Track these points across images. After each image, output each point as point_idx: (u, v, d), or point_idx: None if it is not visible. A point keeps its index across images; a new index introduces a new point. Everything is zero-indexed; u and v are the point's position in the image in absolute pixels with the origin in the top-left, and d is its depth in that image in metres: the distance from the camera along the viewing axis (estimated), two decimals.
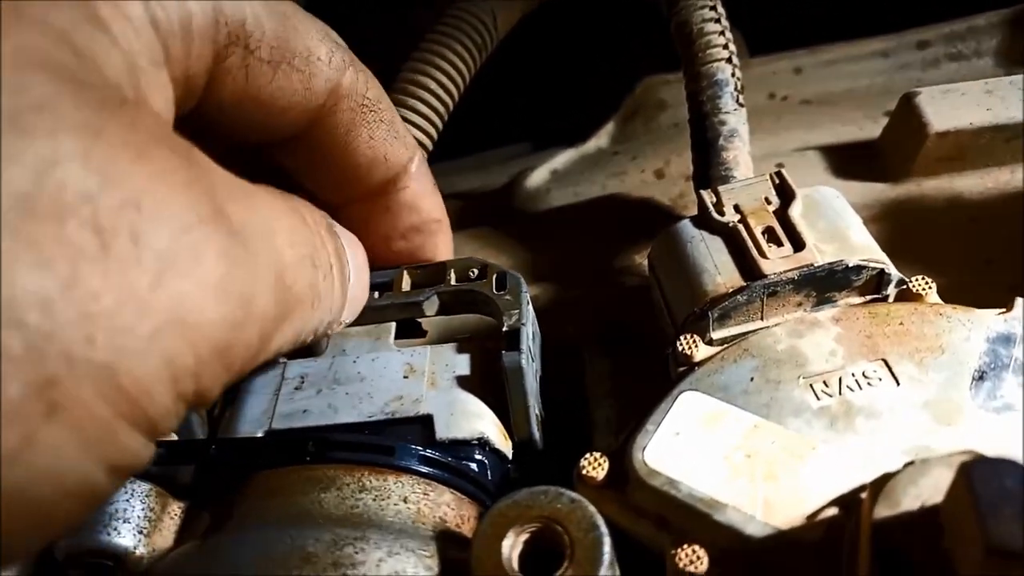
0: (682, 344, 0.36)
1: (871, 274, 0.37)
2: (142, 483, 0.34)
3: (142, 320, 0.21)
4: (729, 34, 0.47)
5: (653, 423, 0.33)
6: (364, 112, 0.36)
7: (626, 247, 0.51)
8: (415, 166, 0.39)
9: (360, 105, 0.36)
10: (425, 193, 0.40)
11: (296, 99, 0.33)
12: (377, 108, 0.37)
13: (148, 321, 0.21)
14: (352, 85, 0.35)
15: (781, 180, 0.40)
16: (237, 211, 0.25)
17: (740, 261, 0.38)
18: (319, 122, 0.35)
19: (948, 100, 0.48)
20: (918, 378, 0.33)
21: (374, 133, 0.37)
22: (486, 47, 0.53)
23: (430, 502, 0.34)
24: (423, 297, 0.40)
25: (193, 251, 0.22)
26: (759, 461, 0.31)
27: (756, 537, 0.29)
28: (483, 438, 0.37)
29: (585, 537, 0.29)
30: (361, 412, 0.37)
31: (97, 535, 0.33)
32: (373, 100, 0.36)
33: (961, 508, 0.24)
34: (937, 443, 0.31)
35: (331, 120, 0.35)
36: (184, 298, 0.22)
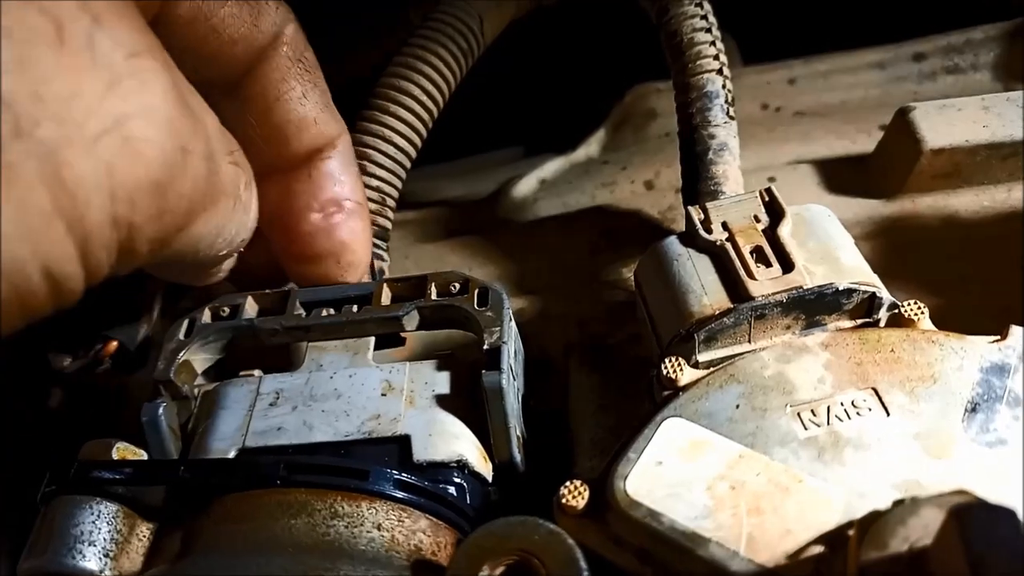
0: (667, 367, 0.35)
1: (862, 297, 0.36)
2: (109, 504, 0.33)
3: (88, 120, 0.23)
4: (720, 44, 0.46)
5: (635, 451, 0.32)
6: (301, 69, 0.38)
7: (614, 260, 0.50)
8: (342, 143, 0.40)
9: (298, 60, 0.38)
10: (348, 171, 0.41)
11: (243, 31, 0.35)
12: (314, 72, 0.39)
13: (94, 123, 0.23)
14: (295, 38, 0.37)
15: (771, 197, 0.39)
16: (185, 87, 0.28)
17: (727, 281, 0.37)
18: (260, 67, 0.37)
19: (944, 116, 0.48)
20: (909, 408, 0.32)
21: (308, 93, 0.38)
22: (472, 53, 0.52)
23: (405, 529, 0.33)
24: (403, 312, 0.39)
25: (141, 78, 0.25)
26: (744, 493, 0.30)
27: (739, 574, 0.28)
28: (462, 460, 0.36)
29: (563, 571, 0.28)
30: (337, 431, 0.36)
31: (61, 558, 0.32)
32: (311, 63, 0.39)
33: (950, 553, 0.23)
34: (928, 477, 0.30)
35: (270, 66, 0.37)
36: (129, 117, 0.24)
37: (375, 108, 0.48)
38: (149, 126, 0.25)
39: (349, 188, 0.40)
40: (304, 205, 0.40)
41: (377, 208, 0.47)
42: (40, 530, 0.33)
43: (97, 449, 0.35)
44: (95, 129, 0.24)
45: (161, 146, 0.26)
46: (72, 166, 0.23)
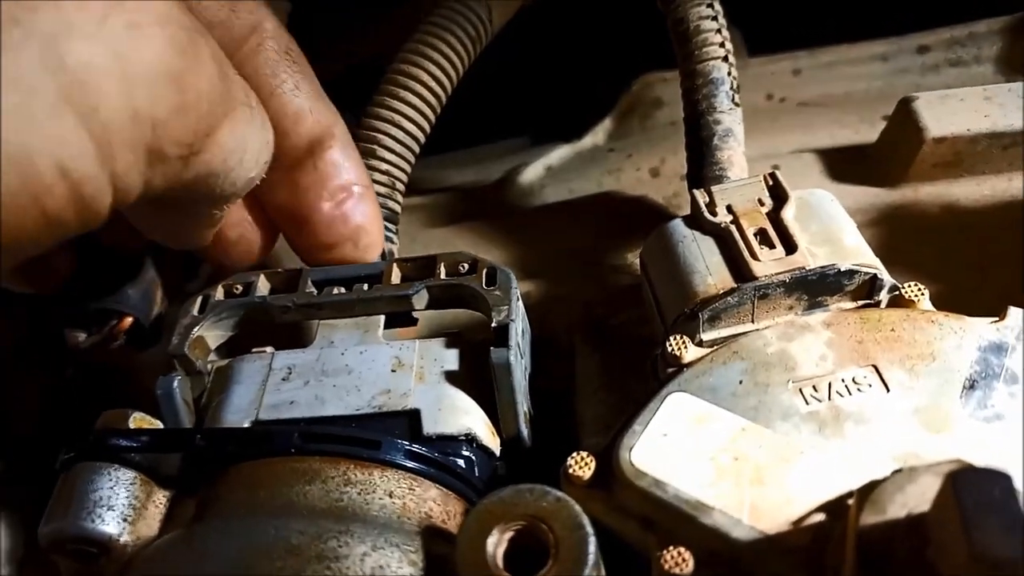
0: (671, 345, 0.36)
1: (863, 279, 0.37)
2: (127, 471, 0.34)
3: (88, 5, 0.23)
4: (726, 32, 0.46)
5: (641, 424, 0.33)
6: (289, 61, 0.38)
7: (619, 245, 0.51)
8: (340, 130, 0.41)
9: (284, 53, 0.38)
10: (350, 157, 0.41)
11: (221, 16, 0.36)
12: (302, 64, 0.39)
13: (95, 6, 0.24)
14: (277, 31, 0.38)
15: (775, 182, 0.40)
16: None
17: (731, 262, 0.37)
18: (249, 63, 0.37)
19: (946, 106, 0.48)
20: (908, 385, 0.33)
21: (300, 84, 0.39)
22: (480, 40, 0.53)
23: (416, 497, 0.33)
24: (412, 291, 0.40)
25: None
26: (746, 464, 0.31)
27: (742, 541, 0.29)
28: (471, 434, 0.36)
29: (570, 536, 0.29)
30: (348, 405, 0.37)
31: (81, 522, 0.33)
32: (297, 54, 0.39)
33: (947, 517, 0.24)
34: (926, 451, 0.30)
35: (259, 61, 0.37)
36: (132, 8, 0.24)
37: (385, 94, 0.48)
38: (151, 13, 0.25)
39: (355, 173, 0.41)
40: (315, 196, 0.40)
41: (387, 192, 0.47)
42: (59, 495, 0.34)
43: (114, 418, 0.36)
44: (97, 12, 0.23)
45: (169, 32, 0.26)
46: (76, 51, 0.23)
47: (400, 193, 0.48)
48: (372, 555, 0.29)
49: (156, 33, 0.25)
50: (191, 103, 0.27)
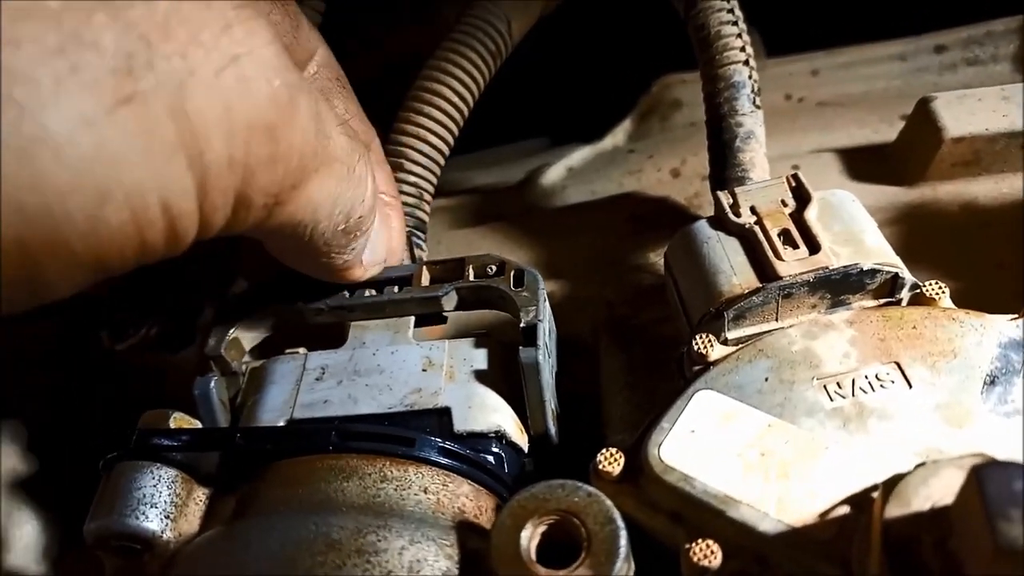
0: (697, 343, 0.37)
1: (885, 278, 0.37)
2: (168, 469, 0.35)
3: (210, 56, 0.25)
4: (746, 36, 0.47)
5: (669, 421, 0.34)
6: (340, 87, 0.41)
7: (641, 245, 0.52)
8: (375, 147, 0.43)
9: (336, 79, 0.40)
10: (381, 169, 0.43)
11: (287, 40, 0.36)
12: (349, 89, 0.41)
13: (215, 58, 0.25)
14: (329, 59, 0.40)
15: (797, 183, 0.40)
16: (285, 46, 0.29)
17: (756, 262, 0.38)
18: None
19: (964, 105, 0.49)
20: (930, 381, 0.33)
21: (348, 108, 0.40)
22: (501, 54, 0.54)
23: (449, 493, 0.34)
24: (442, 292, 0.41)
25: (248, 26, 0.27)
26: (773, 460, 0.32)
27: (769, 534, 0.30)
28: (500, 431, 0.37)
29: (602, 530, 0.29)
30: (381, 403, 0.38)
31: (125, 519, 0.34)
32: (344, 81, 0.41)
33: (971, 509, 0.24)
34: (948, 445, 0.31)
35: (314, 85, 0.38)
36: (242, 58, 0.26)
37: (411, 110, 0.50)
38: (259, 67, 0.27)
39: (384, 183, 0.42)
40: None
41: (415, 202, 0.48)
42: (103, 493, 0.35)
43: (155, 418, 0.37)
44: (216, 64, 0.25)
45: (271, 88, 0.27)
46: (195, 100, 0.25)
47: (427, 203, 0.49)
48: (410, 549, 0.30)
49: (261, 87, 0.27)
50: (283, 155, 0.28)
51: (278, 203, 0.30)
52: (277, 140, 0.28)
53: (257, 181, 0.28)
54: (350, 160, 0.33)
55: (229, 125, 0.26)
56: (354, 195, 0.34)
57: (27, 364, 0.52)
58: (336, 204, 0.33)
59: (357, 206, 0.35)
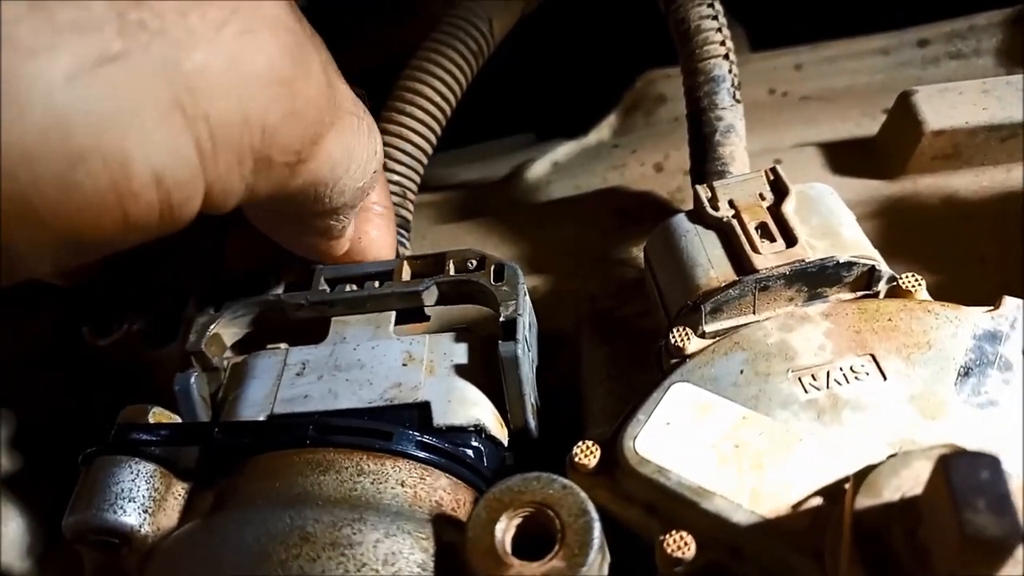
0: (674, 336, 0.37)
1: (862, 270, 0.37)
2: (147, 464, 0.35)
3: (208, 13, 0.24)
4: (727, 31, 0.47)
5: (644, 413, 0.34)
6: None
7: (624, 239, 0.52)
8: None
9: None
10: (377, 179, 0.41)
11: None
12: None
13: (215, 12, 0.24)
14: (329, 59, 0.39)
15: (776, 176, 0.41)
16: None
17: (733, 256, 0.38)
18: None
19: (945, 99, 0.49)
20: (905, 373, 0.33)
21: None
22: (483, 53, 0.54)
23: (427, 486, 0.34)
24: (422, 287, 0.41)
25: None
26: (747, 452, 0.32)
27: (743, 525, 0.30)
28: (479, 425, 0.37)
29: (575, 522, 0.30)
30: (361, 398, 0.38)
31: (103, 513, 0.34)
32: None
33: (939, 499, 0.24)
34: (921, 436, 0.31)
35: None
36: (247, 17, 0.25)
37: (393, 110, 0.50)
38: (266, 20, 0.26)
39: (376, 193, 0.42)
40: None
41: (399, 200, 0.49)
42: (82, 488, 0.35)
43: (134, 413, 0.37)
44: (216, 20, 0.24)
45: (281, 40, 0.26)
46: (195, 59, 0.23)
47: (411, 202, 0.50)
48: (385, 542, 0.30)
49: (269, 39, 0.26)
50: (300, 110, 0.27)
51: (300, 160, 0.29)
52: (295, 94, 0.27)
53: (279, 139, 0.27)
54: (358, 110, 0.32)
55: (238, 81, 0.25)
56: (367, 147, 0.33)
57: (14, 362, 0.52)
58: (352, 158, 0.32)
59: (372, 159, 0.34)
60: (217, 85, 0.24)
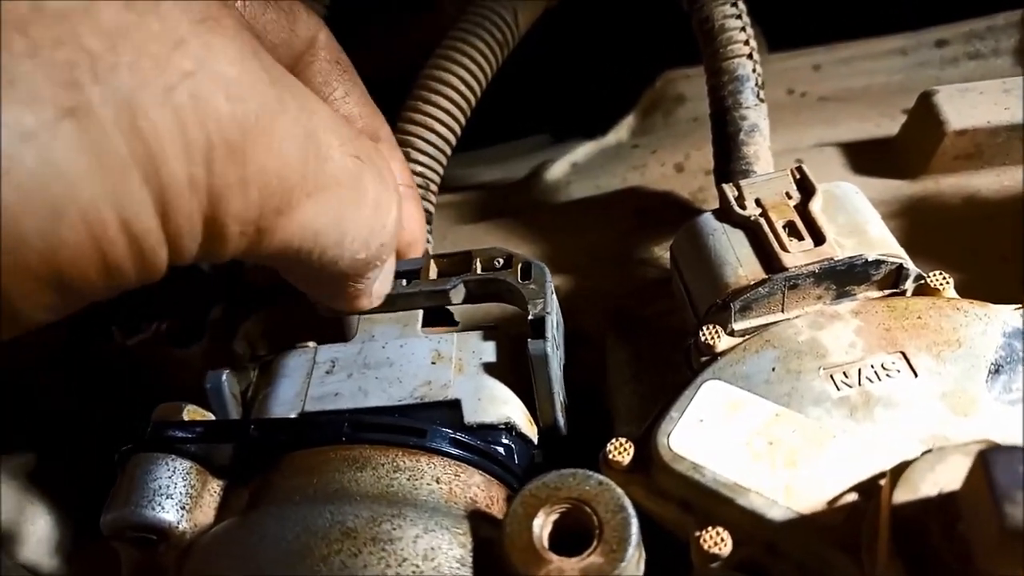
0: (705, 334, 0.37)
1: (890, 268, 0.38)
2: (183, 461, 0.36)
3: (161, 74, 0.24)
4: (750, 30, 0.47)
5: (677, 410, 0.34)
6: (340, 71, 0.39)
7: (646, 239, 0.52)
8: (385, 133, 0.42)
9: (335, 62, 0.39)
10: (395, 158, 0.42)
11: (283, 36, 0.36)
12: (351, 72, 0.40)
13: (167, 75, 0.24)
14: (329, 42, 0.39)
15: (802, 175, 0.41)
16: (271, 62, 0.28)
17: (761, 254, 0.38)
18: (302, 73, 0.38)
19: (966, 99, 0.49)
20: (936, 370, 0.34)
21: (350, 92, 0.40)
22: (508, 44, 0.54)
23: (461, 483, 0.35)
24: (450, 285, 0.41)
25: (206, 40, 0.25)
26: (781, 448, 0.32)
27: (778, 521, 0.30)
28: (510, 423, 0.38)
29: (613, 518, 0.30)
30: (391, 396, 0.38)
31: (142, 510, 0.34)
32: (346, 64, 0.40)
33: (978, 493, 0.25)
34: (953, 433, 0.32)
35: (312, 71, 0.38)
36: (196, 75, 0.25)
37: (418, 99, 0.50)
38: (216, 87, 0.25)
39: (398, 173, 0.41)
40: None
41: (421, 193, 0.49)
42: (120, 484, 0.35)
43: (169, 411, 0.38)
44: (168, 80, 0.24)
45: (231, 108, 0.25)
46: (147, 113, 0.23)
47: (434, 194, 0.50)
48: (424, 537, 0.31)
49: (220, 106, 0.25)
50: (253, 178, 0.27)
51: (261, 230, 0.28)
52: (244, 162, 0.26)
53: (226, 205, 0.26)
54: (354, 183, 0.31)
55: (185, 143, 0.24)
56: (371, 222, 0.32)
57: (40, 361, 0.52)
58: (345, 232, 0.31)
59: (377, 233, 0.33)
60: (168, 144, 0.24)
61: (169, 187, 0.24)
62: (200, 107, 0.25)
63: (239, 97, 0.26)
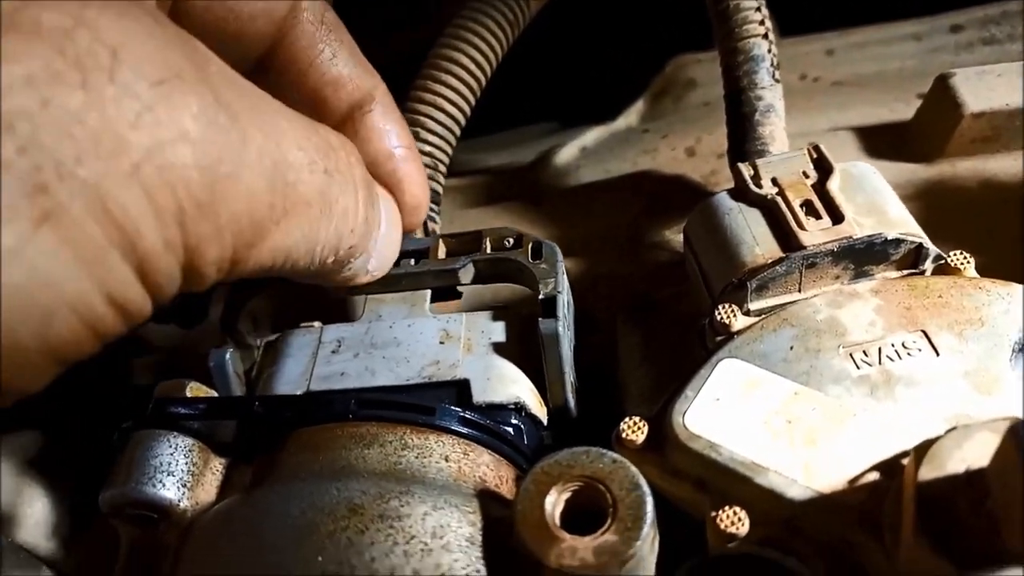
0: (720, 313, 0.36)
1: (909, 247, 0.37)
2: (185, 438, 0.35)
3: (123, 153, 0.23)
4: (765, 10, 0.47)
5: (693, 389, 0.33)
6: (325, 31, 0.38)
7: (657, 222, 0.52)
8: (380, 94, 0.40)
9: (320, 23, 0.38)
10: (392, 119, 0.40)
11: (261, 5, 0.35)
12: (338, 30, 0.39)
13: (129, 155, 0.23)
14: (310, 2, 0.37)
15: (819, 154, 0.40)
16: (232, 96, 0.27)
17: (778, 233, 0.38)
18: (285, 38, 0.37)
19: (984, 81, 0.49)
20: (958, 349, 0.33)
21: (337, 52, 0.38)
22: (518, 23, 0.53)
23: (470, 462, 0.34)
24: (459, 265, 0.41)
25: (169, 103, 0.25)
26: (799, 427, 0.31)
27: (798, 500, 0.29)
28: (519, 403, 0.37)
29: (628, 496, 0.29)
30: (398, 375, 0.38)
31: (142, 487, 0.33)
32: (333, 23, 0.38)
33: (1009, 468, 0.24)
34: (977, 411, 0.31)
35: (295, 34, 0.37)
36: (162, 144, 0.24)
37: (427, 78, 0.49)
38: (183, 150, 0.25)
39: (396, 135, 0.40)
40: None
41: (430, 173, 0.48)
42: (120, 462, 0.35)
43: (172, 387, 0.37)
44: (132, 159, 0.24)
45: (198, 168, 0.25)
46: (116, 198, 0.23)
47: (443, 175, 0.49)
48: (433, 515, 0.30)
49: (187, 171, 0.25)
50: (226, 225, 0.27)
51: (235, 262, 0.28)
52: (216, 214, 0.26)
53: (202, 255, 0.27)
54: (323, 199, 0.31)
55: (156, 213, 0.24)
56: (337, 230, 0.32)
57: None
58: (315, 243, 0.31)
59: (345, 238, 0.33)
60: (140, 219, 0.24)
61: (147, 255, 0.25)
62: (167, 176, 0.24)
63: (204, 153, 0.26)
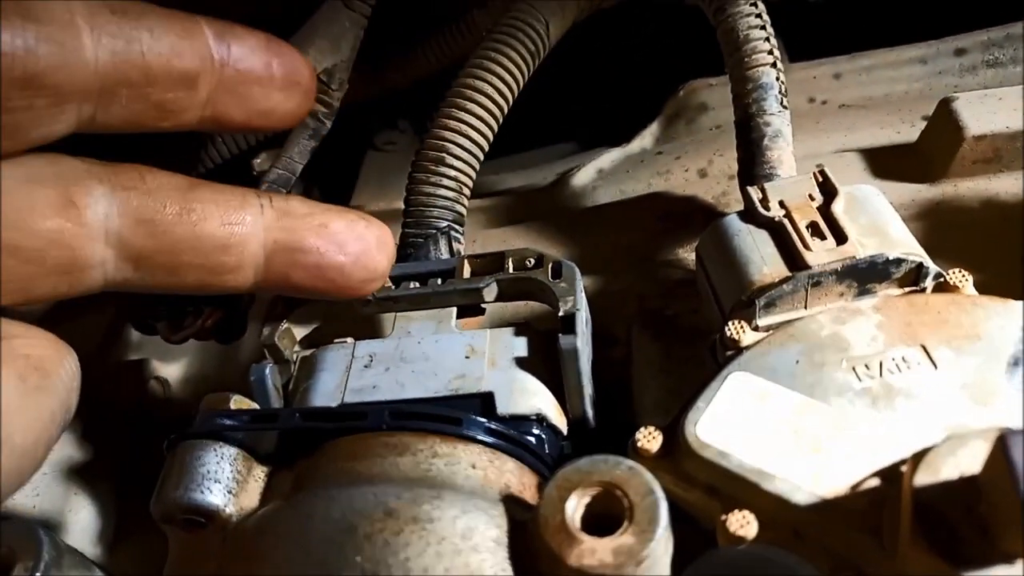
0: (730, 329, 0.38)
1: (910, 266, 0.39)
2: (230, 447, 0.37)
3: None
4: (774, 40, 0.49)
5: (704, 400, 0.35)
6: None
7: (671, 241, 0.54)
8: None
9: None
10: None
11: None
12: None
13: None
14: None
15: (824, 178, 0.42)
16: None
17: (785, 253, 0.40)
18: None
19: (985, 104, 0.51)
20: (955, 362, 0.35)
21: None
22: (539, 54, 0.56)
23: (495, 469, 0.36)
24: (483, 284, 0.43)
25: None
26: (805, 436, 0.33)
27: (803, 505, 0.31)
28: (541, 414, 0.39)
29: (643, 501, 0.31)
30: (427, 388, 0.40)
31: (192, 493, 0.36)
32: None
33: (998, 476, 0.26)
34: (973, 421, 0.33)
35: None
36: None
37: (453, 106, 0.51)
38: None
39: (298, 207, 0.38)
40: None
41: (454, 196, 0.50)
42: (170, 470, 0.37)
43: (217, 400, 0.39)
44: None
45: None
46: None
47: (466, 198, 0.51)
48: (462, 518, 0.32)
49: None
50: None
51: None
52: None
53: None
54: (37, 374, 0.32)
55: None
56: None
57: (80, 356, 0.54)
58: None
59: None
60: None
61: None
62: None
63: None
